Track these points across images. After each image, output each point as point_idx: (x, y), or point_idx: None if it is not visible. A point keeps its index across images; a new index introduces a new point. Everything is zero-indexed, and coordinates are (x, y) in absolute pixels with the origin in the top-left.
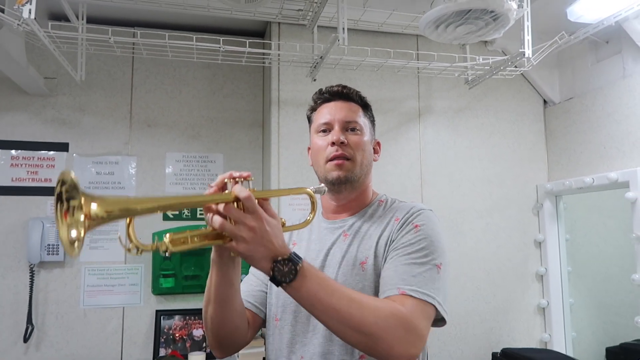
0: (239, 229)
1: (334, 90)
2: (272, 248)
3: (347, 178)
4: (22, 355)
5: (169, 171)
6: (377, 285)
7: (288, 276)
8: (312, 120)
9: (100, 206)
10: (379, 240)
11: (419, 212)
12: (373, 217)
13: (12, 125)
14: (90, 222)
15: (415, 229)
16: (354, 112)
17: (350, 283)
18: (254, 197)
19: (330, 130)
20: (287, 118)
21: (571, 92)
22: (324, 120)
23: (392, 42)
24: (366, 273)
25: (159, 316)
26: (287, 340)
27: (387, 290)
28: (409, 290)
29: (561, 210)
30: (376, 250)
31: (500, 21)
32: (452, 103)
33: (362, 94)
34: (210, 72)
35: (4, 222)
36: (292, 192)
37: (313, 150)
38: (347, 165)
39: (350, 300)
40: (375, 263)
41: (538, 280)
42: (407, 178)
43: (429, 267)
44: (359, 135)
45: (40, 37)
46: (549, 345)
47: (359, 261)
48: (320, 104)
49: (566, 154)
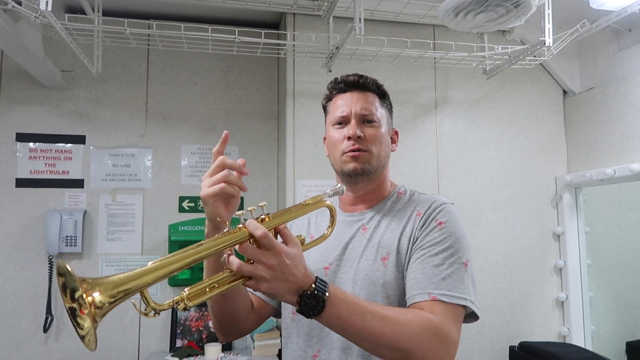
0: (258, 269)
1: (350, 80)
2: (294, 281)
3: (363, 170)
4: (42, 344)
5: (184, 163)
6: (399, 282)
7: (316, 308)
8: (327, 110)
9: (103, 293)
10: (401, 237)
11: (442, 207)
12: (393, 210)
13: (30, 118)
14: (96, 311)
15: (440, 226)
16: (371, 104)
17: (371, 278)
18: (269, 234)
19: (347, 123)
20: (303, 110)
21: (592, 81)
22: (340, 113)
23: (408, 32)
24: (387, 269)
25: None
26: (305, 334)
27: (417, 295)
28: (439, 295)
29: (581, 202)
30: (399, 247)
31: (522, 8)
32: (469, 94)
33: (379, 82)
34: (225, 64)
35: (23, 214)
36: (309, 209)
37: (329, 142)
38: (363, 157)
39: (382, 319)
40: (397, 259)
41: (557, 273)
42: (424, 170)
43: (457, 267)
44: (376, 127)
45: (57, 30)
46: (567, 339)
47: (380, 256)
48: (336, 94)
49: (586, 145)
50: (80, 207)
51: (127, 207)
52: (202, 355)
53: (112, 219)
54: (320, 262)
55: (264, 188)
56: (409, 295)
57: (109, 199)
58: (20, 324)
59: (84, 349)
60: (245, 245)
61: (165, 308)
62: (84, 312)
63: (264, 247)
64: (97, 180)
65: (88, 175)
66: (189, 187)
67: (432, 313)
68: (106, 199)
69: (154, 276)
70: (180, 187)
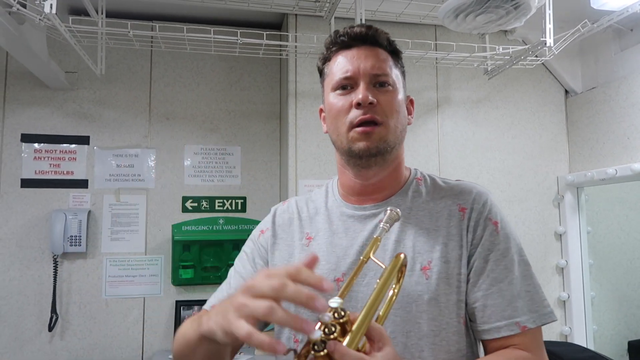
0: None
1: (356, 31)
2: None
3: (378, 150)
4: (46, 343)
5: (187, 163)
6: (450, 298)
7: None
8: (325, 73)
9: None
10: (448, 242)
11: (488, 202)
12: (418, 203)
13: (35, 119)
14: None
15: (496, 227)
16: (384, 62)
17: (409, 294)
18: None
19: (353, 86)
20: (305, 110)
21: (594, 81)
22: (344, 74)
23: (410, 32)
24: (430, 281)
25: (178, 307)
26: None
27: (503, 328)
28: (527, 321)
29: (582, 202)
30: (446, 254)
31: (522, 9)
32: (471, 94)
33: (392, 38)
34: (227, 65)
35: (28, 214)
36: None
37: (330, 113)
38: (377, 133)
39: None
40: (446, 270)
41: (558, 272)
42: (425, 170)
43: (529, 274)
44: (392, 92)
45: (62, 32)
46: (569, 338)
47: (418, 265)
48: (337, 51)
49: (588, 145)
50: (85, 207)
51: (130, 207)
52: None
53: (116, 219)
54: (328, 272)
55: (266, 188)
56: (489, 326)
57: (112, 199)
58: (25, 323)
59: (89, 348)
60: None
61: None
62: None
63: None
64: (101, 180)
65: (92, 176)
66: (192, 187)
67: (527, 349)
68: (110, 199)
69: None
70: (184, 187)
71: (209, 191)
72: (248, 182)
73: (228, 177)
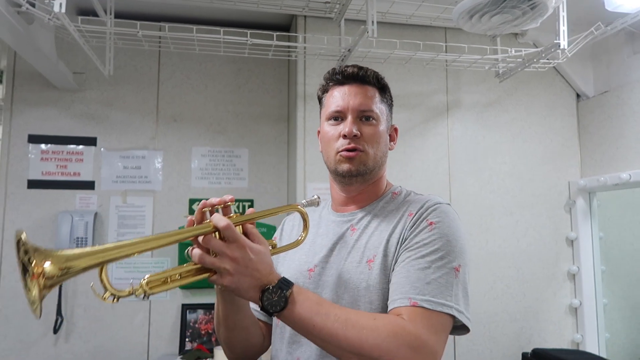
0: (221, 261)
1: (348, 72)
2: (258, 277)
3: (358, 171)
4: (51, 346)
5: (194, 166)
6: (384, 286)
7: (278, 305)
8: (323, 103)
9: (54, 263)
10: (390, 238)
11: (435, 207)
12: (384, 211)
13: (42, 120)
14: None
15: (430, 226)
16: (370, 99)
17: (355, 281)
18: (233, 226)
19: (343, 118)
20: (313, 112)
21: (606, 85)
22: (336, 108)
23: (420, 35)
24: (372, 272)
25: (184, 310)
26: (287, 340)
27: (397, 300)
28: (421, 300)
29: (595, 207)
30: (386, 249)
31: (538, 10)
32: (481, 97)
33: (380, 75)
34: (235, 66)
35: (35, 215)
36: (280, 211)
37: (323, 139)
38: (359, 158)
39: (346, 322)
40: (384, 262)
41: (570, 279)
42: (435, 174)
43: (445, 272)
44: (374, 125)
45: (71, 31)
46: (581, 346)
47: (366, 258)
48: (333, 85)
49: (600, 149)
50: (91, 208)
51: (137, 209)
52: (211, 359)
53: (122, 221)
54: (305, 264)
55: (274, 191)
56: (390, 299)
57: (119, 200)
58: (30, 325)
59: (94, 351)
60: (209, 238)
61: (124, 295)
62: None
63: (228, 239)
64: (108, 182)
65: (99, 177)
66: (199, 189)
67: (409, 320)
68: (117, 201)
69: (108, 255)
70: (191, 189)
71: (216, 193)
72: (255, 185)
73: (235, 179)
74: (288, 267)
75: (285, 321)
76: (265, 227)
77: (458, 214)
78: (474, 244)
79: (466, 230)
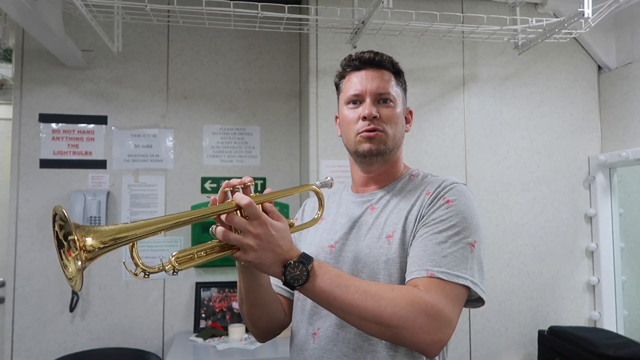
0: (245, 237)
1: (365, 57)
2: (280, 252)
3: (378, 151)
4: (68, 323)
5: (205, 144)
6: (403, 260)
7: (300, 278)
8: (340, 88)
9: (95, 238)
10: (409, 215)
11: (451, 186)
12: (403, 191)
13: (52, 99)
14: (86, 255)
15: (447, 204)
16: (386, 82)
17: (374, 255)
18: (254, 204)
19: (361, 102)
20: (326, 88)
21: (629, 56)
22: (355, 92)
23: (436, 6)
24: (391, 246)
25: (198, 288)
26: (308, 312)
27: (415, 272)
28: (437, 272)
29: (615, 183)
30: (405, 225)
31: None
32: (498, 70)
33: (395, 60)
34: (246, 42)
35: (48, 194)
36: (296, 191)
37: (342, 122)
38: (379, 138)
39: (365, 293)
40: (402, 238)
41: (588, 256)
42: (451, 149)
43: (461, 246)
44: (392, 107)
45: (77, 6)
46: (598, 323)
47: (385, 234)
48: (350, 71)
49: (622, 123)
50: (104, 187)
51: (149, 187)
52: (226, 336)
53: (135, 200)
54: (326, 241)
55: (286, 169)
56: (407, 272)
57: (131, 179)
58: (46, 304)
59: (110, 329)
60: (232, 215)
61: (155, 271)
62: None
63: (249, 217)
64: (120, 161)
65: (110, 156)
66: (211, 167)
67: (426, 290)
68: (129, 180)
69: (142, 231)
70: (202, 167)
71: (228, 172)
72: (268, 163)
73: (247, 157)
74: (310, 244)
75: (307, 294)
76: (279, 205)
77: (473, 193)
78: (490, 221)
79: (482, 206)
